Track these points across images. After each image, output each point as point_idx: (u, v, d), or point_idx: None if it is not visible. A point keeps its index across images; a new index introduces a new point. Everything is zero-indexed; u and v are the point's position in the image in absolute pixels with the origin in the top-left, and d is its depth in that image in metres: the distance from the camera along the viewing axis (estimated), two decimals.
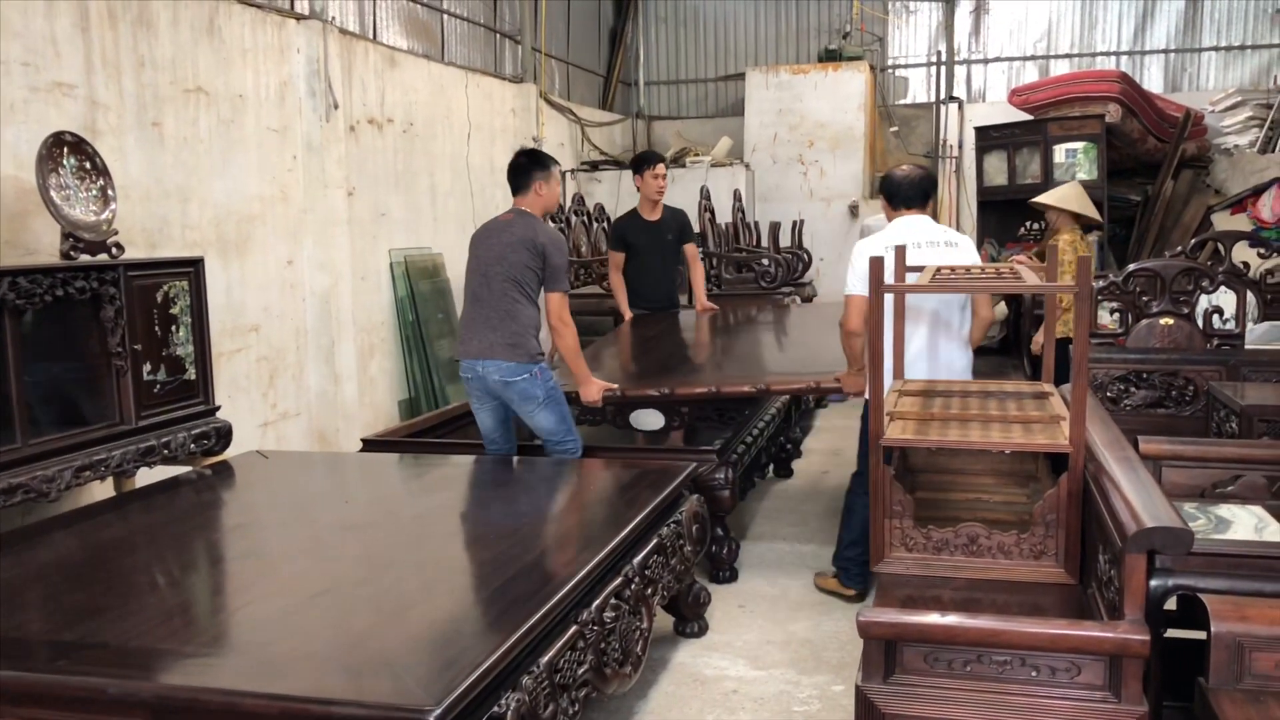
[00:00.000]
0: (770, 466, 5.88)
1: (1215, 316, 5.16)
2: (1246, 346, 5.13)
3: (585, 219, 8.25)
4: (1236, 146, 10.37)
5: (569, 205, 8.19)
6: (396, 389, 7.11)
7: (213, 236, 5.35)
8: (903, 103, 11.79)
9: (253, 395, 5.63)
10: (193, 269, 4.34)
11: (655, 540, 3.36)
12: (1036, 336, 5.53)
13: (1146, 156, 9.87)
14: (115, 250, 4.01)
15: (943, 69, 11.53)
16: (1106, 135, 9.14)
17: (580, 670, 2.61)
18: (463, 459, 4.23)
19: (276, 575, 2.87)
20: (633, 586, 3.06)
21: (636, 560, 3.15)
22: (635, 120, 12.13)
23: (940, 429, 2.96)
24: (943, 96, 11.50)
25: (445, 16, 8.21)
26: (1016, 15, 11.43)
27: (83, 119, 4.52)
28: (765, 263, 7.10)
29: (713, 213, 8.19)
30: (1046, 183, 8.88)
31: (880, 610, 2.24)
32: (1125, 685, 2.09)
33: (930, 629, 2.18)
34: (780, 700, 3.45)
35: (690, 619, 3.94)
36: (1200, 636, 2.24)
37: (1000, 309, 6.45)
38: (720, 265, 7.32)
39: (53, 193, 3.85)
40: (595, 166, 10.56)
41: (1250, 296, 5.53)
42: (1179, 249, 5.57)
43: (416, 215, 7.41)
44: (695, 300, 6.29)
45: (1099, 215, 6.73)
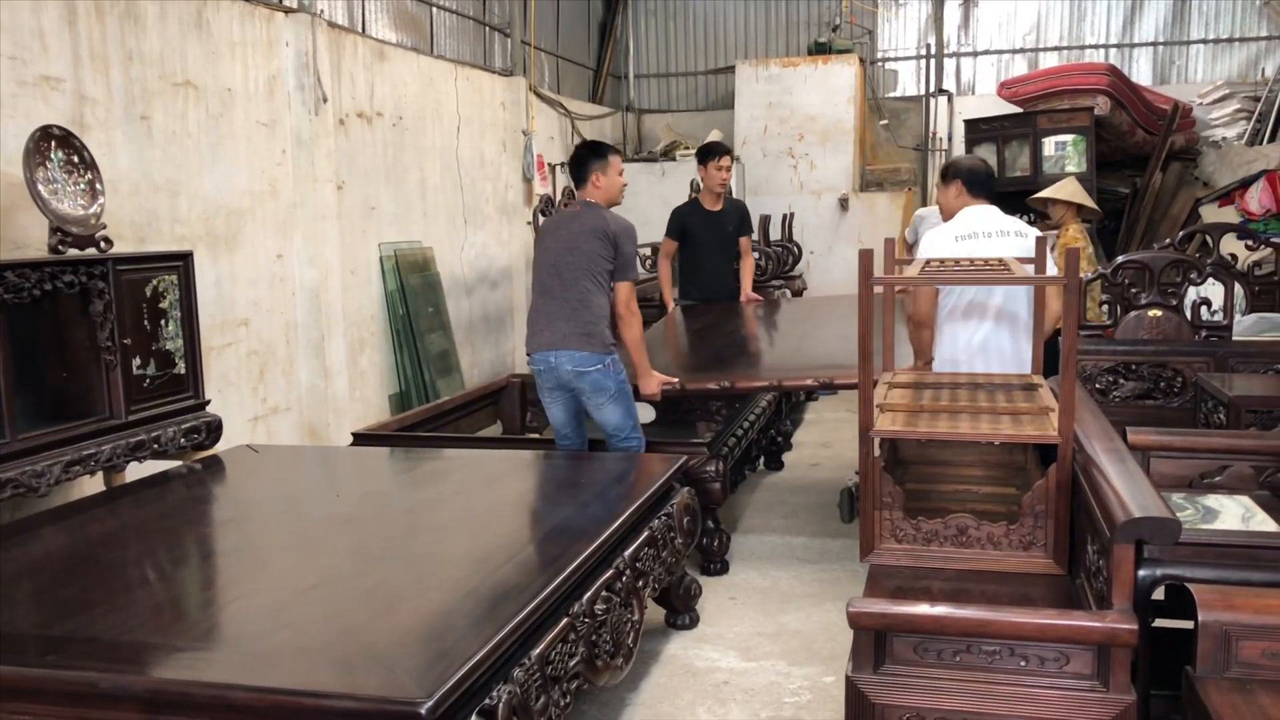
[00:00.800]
0: (761, 459, 5.90)
1: (1203, 308, 5.19)
2: (1234, 338, 5.15)
3: None
4: (1224, 139, 10.40)
5: (559, 199, 8.18)
6: (387, 383, 7.10)
7: (202, 231, 5.33)
8: (892, 96, 11.80)
9: (243, 390, 5.62)
10: (182, 263, 4.33)
11: (646, 533, 3.37)
12: None
13: (1135, 149, 9.89)
14: (104, 244, 4.00)
15: (932, 62, 11.53)
16: (1095, 128, 9.18)
17: (572, 662, 2.62)
18: (454, 453, 4.23)
19: (267, 569, 2.88)
20: (624, 579, 3.07)
21: (628, 553, 3.16)
22: (625, 113, 12.11)
23: (930, 421, 2.97)
24: (932, 89, 11.51)
25: (434, 10, 8.18)
26: (1005, 8, 11.44)
27: (70, 113, 4.50)
28: (756, 256, 7.10)
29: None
30: (1035, 175, 8.92)
31: (870, 601, 2.25)
32: (1113, 674, 2.11)
33: (920, 619, 2.19)
34: (771, 691, 3.46)
35: (681, 611, 3.95)
36: (1188, 626, 2.26)
37: None
38: None
39: (40, 187, 3.83)
40: None
41: (1238, 288, 5.56)
42: (1167, 241, 5.60)
43: (406, 209, 7.39)
44: (742, 291, 6.31)
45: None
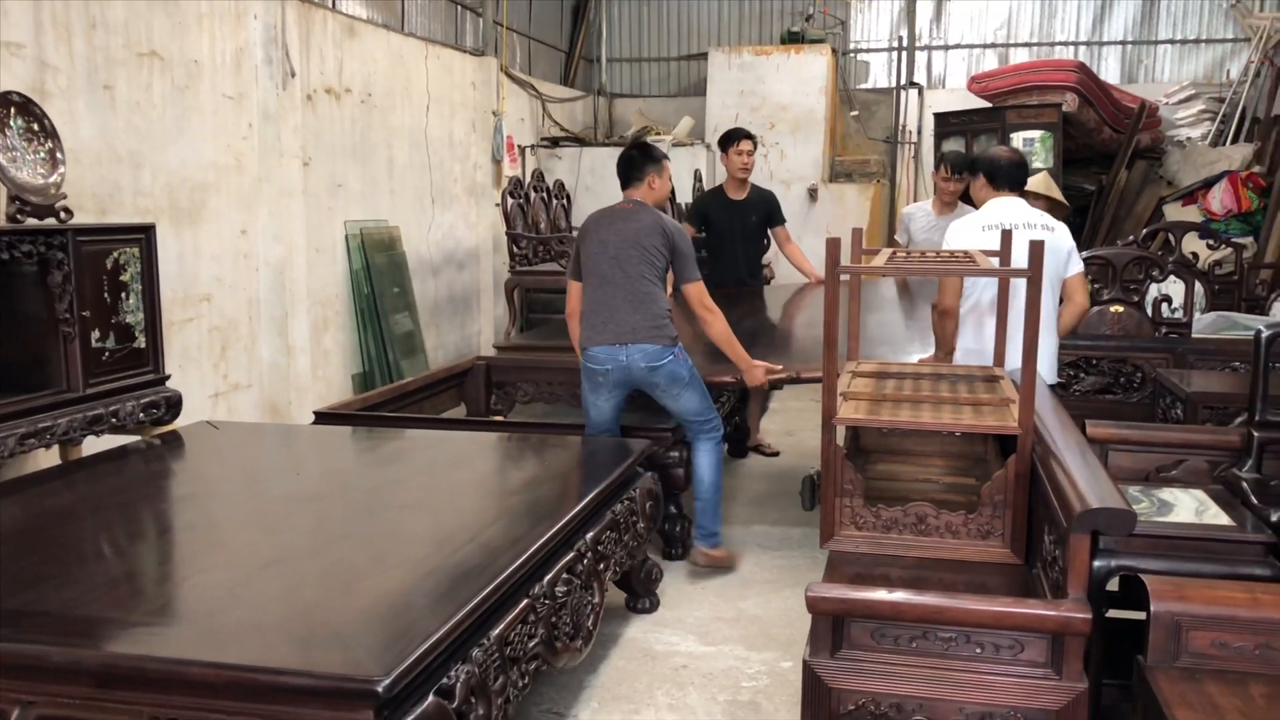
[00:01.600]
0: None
1: (1164, 305, 5.26)
2: (1193, 335, 5.23)
3: (544, 195, 8.21)
4: (1189, 139, 10.52)
5: (528, 181, 8.15)
6: (350, 362, 7.05)
7: (165, 204, 5.26)
8: (864, 87, 11.83)
9: (203, 365, 5.56)
10: (144, 236, 4.27)
11: (609, 516, 3.37)
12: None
13: (1102, 146, 9.99)
14: (64, 215, 3.94)
15: (903, 54, 11.57)
16: (1063, 124, 9.25)
17: (531, 643, 2.62)
18: (416, 433, 4.21)
19: (225, 546, 2.85)
20: (585, 561, 3.07)
21: (590, 536, 3.16)
22: (597, 97, 12.07)
23: (892, 410, 2.99)
24: (903, 82, 11.55)
25: None
26: (977, 3, 11.49)
27: (31, 80, 4.42)
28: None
29: (673, 192, 8.18)
30: None
31: (829, 586, 2.27)
32: (1067, 662, 2.14)
33: (878, 605, 2.21)
34: (729, 676, 3.48)
35: (642, 595, 3.95)
36: (1140, 616, 2.29)
37: None
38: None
39: None
40: (556, 143, 10.51)
41: (1198, 286, 5.64)
42: (1131, 238, 5.66)
43: (373, 187, 7.33)
44: (809, 275, 6.26)
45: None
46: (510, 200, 7.55)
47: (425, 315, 7.95)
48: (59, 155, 4.04)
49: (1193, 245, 7.55)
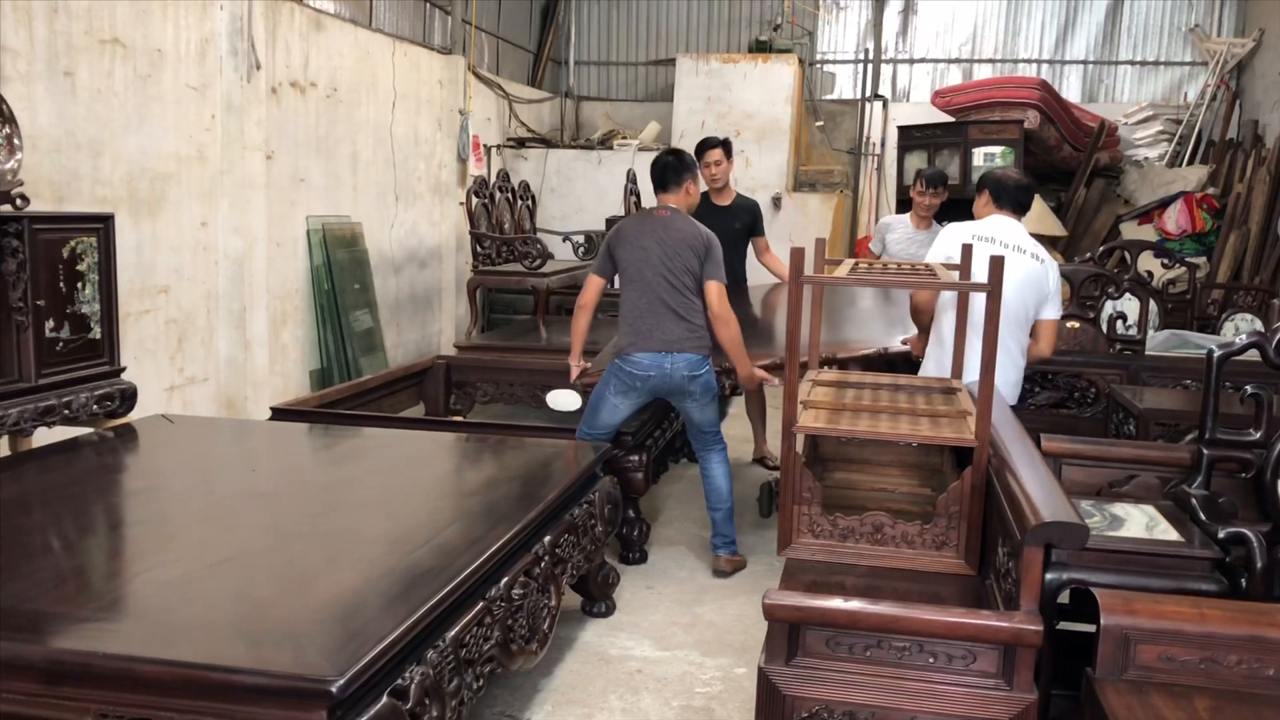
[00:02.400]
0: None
1: (1119, 322, 5.33)
2: (1147, 352, 5.31)
3: (509, 196, 8.19)
4: (1146, 159, 10.68)
5: (493, 181, 8.13)
6: (309, 359, 6.99)
7: (124, 193, 5.19)
8: (829, 98, 11.91)
9: (160, 358, 5.49)
10: (102, 225, 4.21)
11: (567, 519, 3.37)
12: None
13: (1062, 164, 10.12)
14: (20, 202, 3.87)
15: (869, 67, 11.66)
16: (1024, 141, 9.36)
17: (486, 646, 2.61)
18: (374, 432, 4.18)
19: (178, 542, 2.82)
20: (542, 565, 3.06)
21: (547, 539, 3.15)
22: (564, 99, 12.05)
23: (851, 419, 3.01)
24: (868, 94, 11.64)
25: None
26: (943, 18, 11.60)
27: None
28: None
29: (638, 196, 8.19)
30: (965, 185, 9.06)
31: (785, 594, 2.28)
32: (1018, 673, 2.16)
33: (833, 614, 2.22)
34: (683, 681, 3.49)
35: (598, 599, 3.95)
36: (1090, 629, 2.32)
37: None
38: None
39: None
40: (522, 144, 10.49)
41: (1152, 304, 5.73)
42: (1088, 255, 5.74)
43: (337, 183, 7.28)
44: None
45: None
46: (475, 200, 7.52)
47: (386, 313, 7.91)
48: (16, 141, 3.97)
49: (1148, 264, 7.68)
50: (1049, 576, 2.43)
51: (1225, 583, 2.54)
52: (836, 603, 2.24)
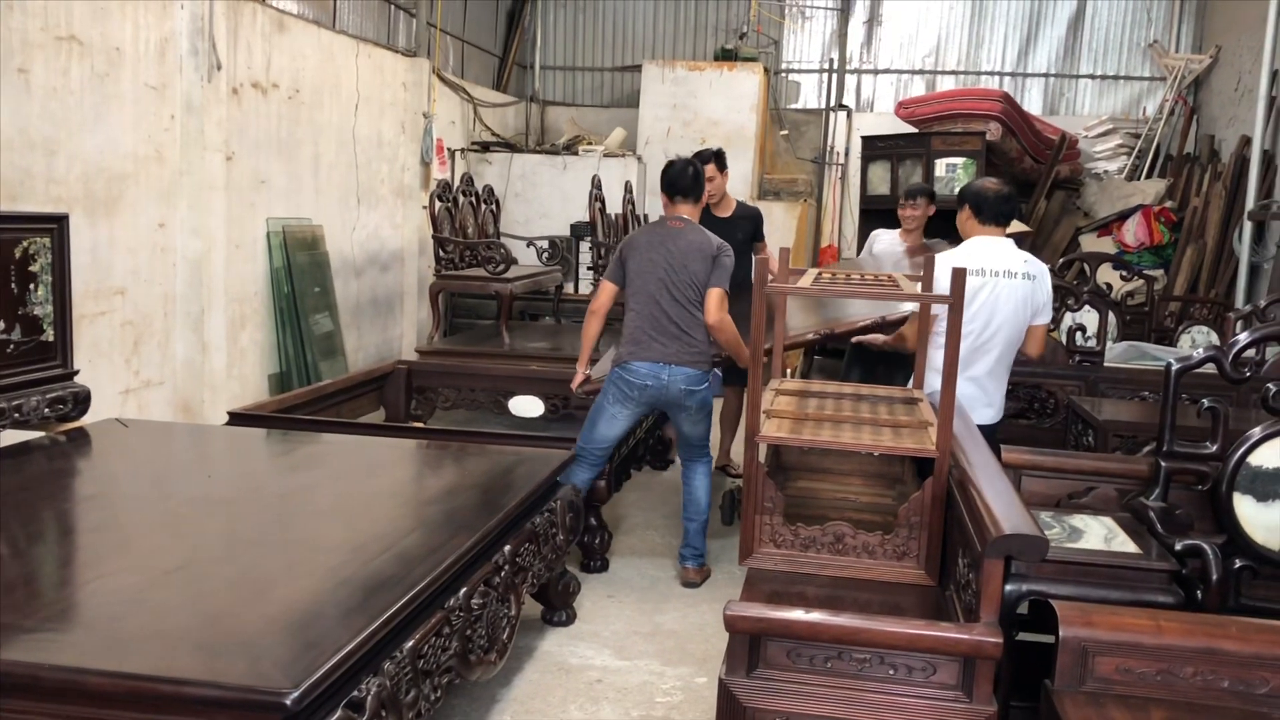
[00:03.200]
0: (646, 458, 5.91)
1: (1078, 334, 5.38)
2: (1105, 364, 5.36)
3: (473, 200, 8.14)
4: (1106, 172, 10.82)
5: (457, 185, 8.08)
6: (267, 363, 6.91)
7: (80, 193, 5.11)
8: (794, 107, 11.96)
9: (115, 361, 5.41)
10: (56, 225, 4.12)
11: (528, 528, 3.34)
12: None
13: (1023, 176, 10.22)
14: None
15: (834, 77, 11.73)
16: (986, 153, 9.45)
17: (445, 656, 2.58)
18: (334, 438, 4.13)
19: (130, 549, 2.76)
20: (503, 574, 3.04)
21: (508, 548, 3.12)
22: (529, 104, 12.03)
23: (814, 429, 3.01)
24: (832, 104, 11.71)
25: None
26: (908, 29, 11.70)
27: None
28: None
29: (603, 203, 8.18)
30: None
31: (748, 605, 2.27)
32: (977, 685, 2.17)
33: (794, 625, 2.22)
34: (644, 691, 3.47)
35: (559, 607, 3.93)
36: (1049, 640, 2.33)
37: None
38: (608, 256, 7.31)
39: None
40: (486, 148, 10.45)
41: (1111, 316, 5.79)
42: (1048, 268, 5.77)
43: (298, 185, 7.21)
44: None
45: None
46: (438, 203, 7.47)
47: (346, 316, 7.84)
48: None
49: (1107, 276, 7.76)
50: (1009, 588, 2.44)
51: (1182, 595, 2.56)
52: (798, 614, 2.23)
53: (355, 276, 8.10)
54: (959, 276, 2.85)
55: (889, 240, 6.13)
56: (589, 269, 7.56)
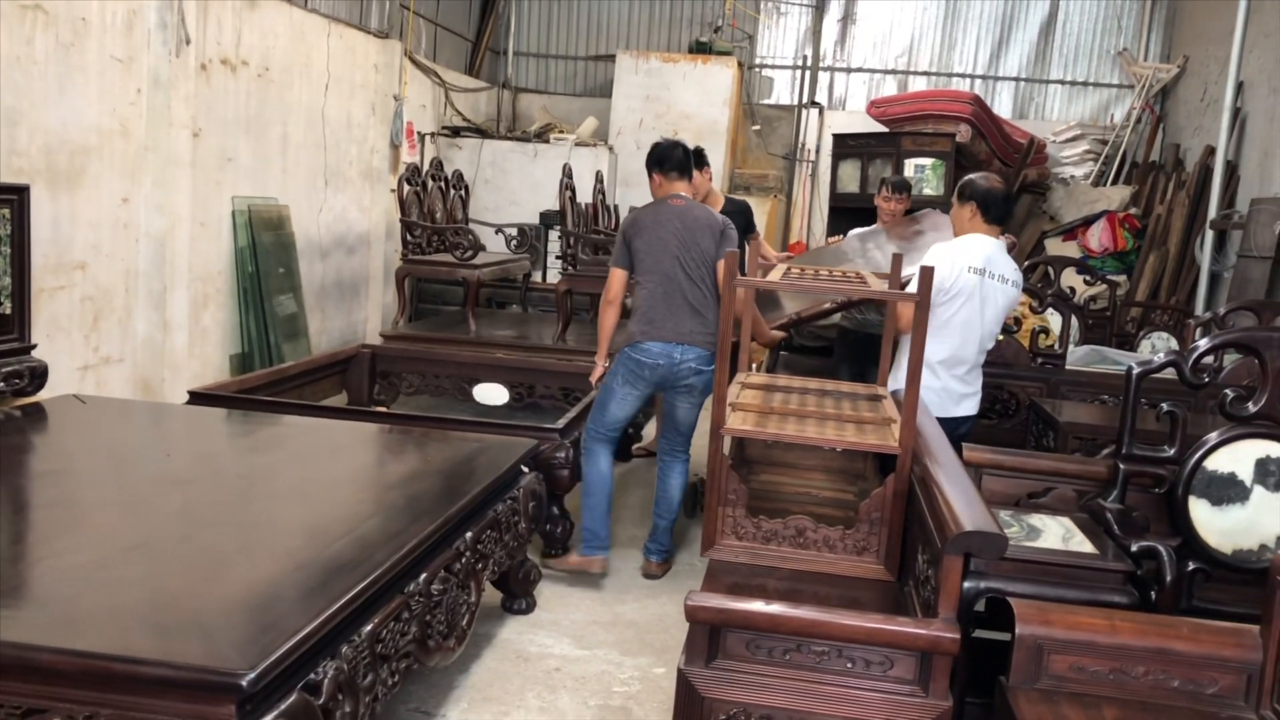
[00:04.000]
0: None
1: (1041, 336, 5.43)
2: (1067, 366, 5.41)
3: (442, 185, 8.10)
4: (1073, 177, 10.92)
5: (426, 169, 8.03)
6: (229, 343, 6.84)
7: (41, 165, 5.03)
8: (767, 102, 11.98)
9: (74, 336, 5.33)
10: (16, 197, 4.06)
11: (490, 515, 3.33)
12: None
13: None
14: None
15: (807, 73, 11.76)
16: (955, 154, 9.51)
17: (403, 641, 2.57)
18: (295, 420, 4.09)
19: (86, 526, 2.73)
20: (463, 560, 3.03)
21: (469, 534, 3.11)
22: (501, 90, 11.97)
23: (779, 423, 3.02)
24: (805, 100, 11.74)
25: None
26: (881, 28, 11.74)
27: None
28: None
29: (574, 192, 8.15)
30: None
31: (708, 596, 2.27)
32: (934, 680, 2.18)
33: (754, 616, 2.22)
34: (601, 680, 3.47)
35: (519, 595, 3.92)
36: (1005, 637, 2.36)
37: None
38: (577, 246, 7.29)
39: None
40: (457, 132, 10.39)
41: (1074, 320, 5.85)
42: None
43: (265, 164, 7.13)
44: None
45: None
46: (407, 187, 7.41)
47: (311, 298, 7.77)
48: None
49: (1071, 280, 7.84)
50: (967, 585, 2.46)
51: (1136, 595, 2.59)
52: (758, 606, 2.24)
53: (321, 258, 8.03)
54: (926, 276, 2.87)
55: (869, 229, 6.13)
56: (558, 258, 7.54)
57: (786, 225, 11.47)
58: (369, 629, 2.39)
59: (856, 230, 6.17)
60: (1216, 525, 2.89)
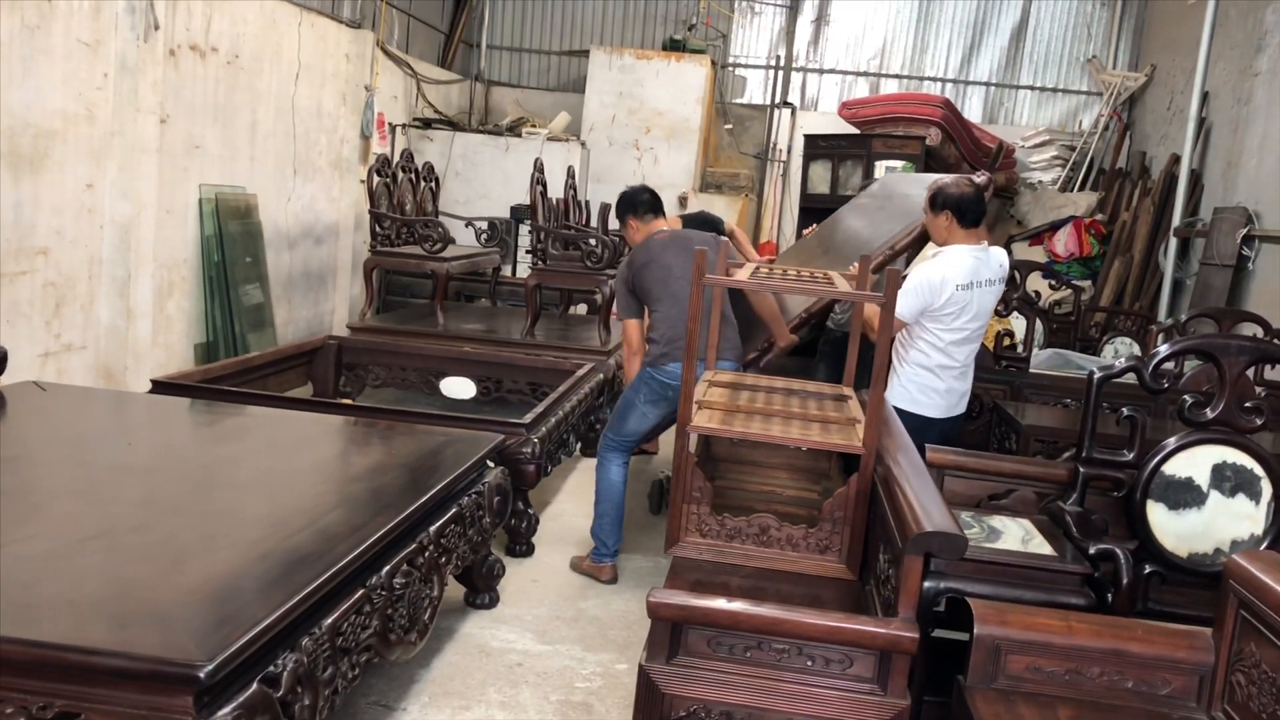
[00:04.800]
0: (579, 445, 5.91)
1: (1005, 339, 5.48)
2: (1031, 370, 5.46)
3: (413, 177, 8.06)
4: (1040, 182, 11.02)
5: (396, 160, 7.99)
6: (194, 331, 6.78)
7: (4, 149, 4.96)
8: (739, 101, 12.01)
9: (34, 322, 5.26)
10: None
11: (454, 509, 3.32)
12: None
13: None
14: None
15: (780, 73, 11.79)
16: (925, 157, 9.58)
17: (364, 635, 2.55)
18: (259, 410, 4.07)
19: (44, 515, 2.69)
20: (426, 554, 3.02)
21: (433, 528, 3.10)
22: (474, 83, 11.92)
23: (745, 421, 3.03)
24: (777, 100, 11.77)
25: None
26: (854, 30, 11.80)
27: None
28: (593, 243, 7.10)
29: (545, 186, 8.13)
30: None
31: (670, 592, 2.28)
32: (892, 679, 2.20)
33: (716, 614, 2.23)
34: (563, 675, 3.47)
35: (482, 590, 3.92)
36: (963, 637, 2.38)
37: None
38: (547, 241, 7.28)
39: None
40: (428, 124, 10.34)
41: (1039, 324, 5.90)
42: None
43: (233, 152, 7.07)
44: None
45: None
46: (377, 178, 7.38)
47: (277, 288, 7.71)
48: None
49: (1036, 284, 7.91)
50: (927, 585, 2.48)
51: (1093, 597, 2.63)
52: (719, 603, 2.25)
53: (288, 248, 7.97)
54: (893, 278, 2.89)
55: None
56: (528, 252, 7.52)
57: (757, 225, 11.50)
58: (330, 622, 2.37)
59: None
60: (1173, 529, 2.93)
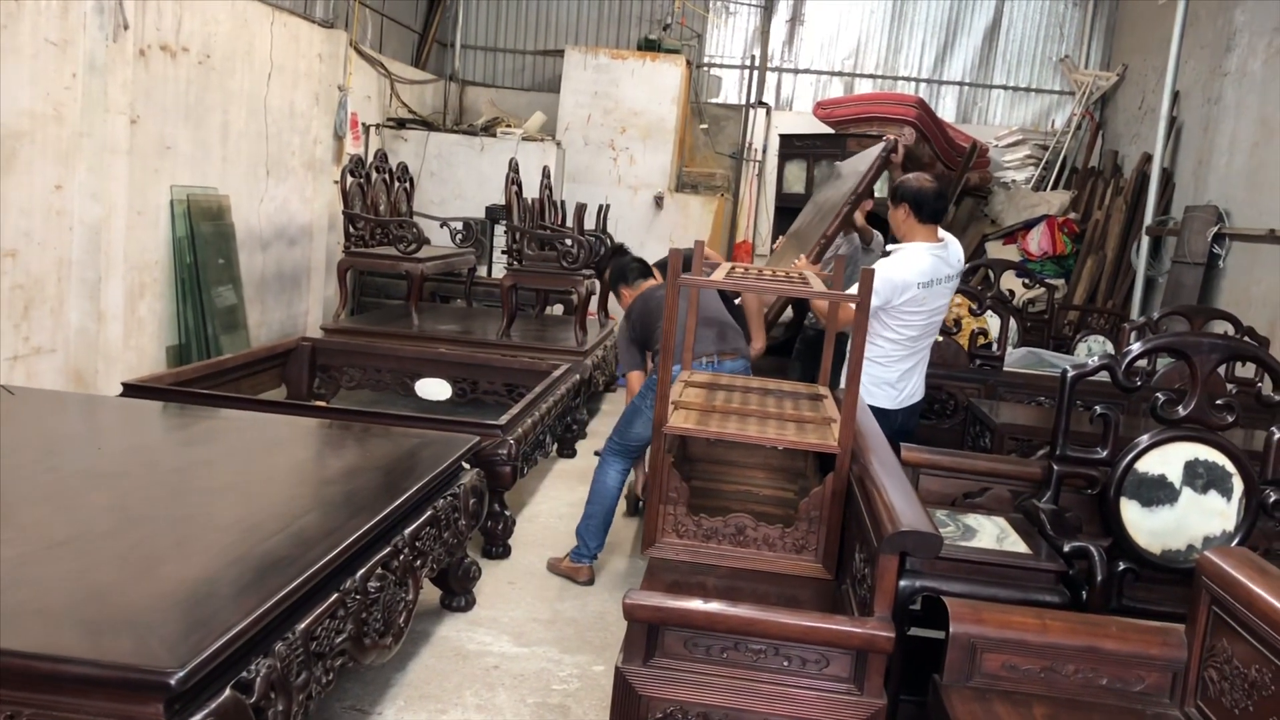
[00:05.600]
0: (555, 446, 5.90)
1: (980, 337, 5.50)
2: (1004, 368, 5.49)
3: (387, 177, 8.02)
4: (1014, 181, 11.08)
5: (370, 161, 7.94)
6: (166, 334, 6.72)
7: None
8: (714, 101, 12.01)
9: (2, 325, 5.20)
10: None
11: (430, 512, 3.30)
12: None
13: None
14: None
15: (755, 73, 11.81)
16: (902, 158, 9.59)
17: (338, 639, 2.53)
18: (232, 413, 4.03)
19: (11, 521, 2.66)
20: (401, 557, 3.00)
21: (408, 531, 3.08)
22: (448, 83, 11.87)
23: (721, 421, 3.03)
24: (752, 100, 11.78)
25: None
26: (829, 30, 11.82)
27: None
28: (568, 243, 7.09)
29: (520, 186, 8.12)
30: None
31: (647, 594, 2.27)
32: (868, 678, 2.20)
33: (693, 615, 2.23)
34: (540, 678, 3.46)
35: (458, 593, 3.90)
36: (939, 636, 2.39)
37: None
38: (523, 241, 7.25)
39: None
40: (402, 125, 10.29)
41: (1012, 322, 5.93)
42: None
43: (205, 152, 7.01)
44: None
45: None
46: (350, 179, 7.33)
47: (250, 290, 7.65)
48: None
49: (1010, 283, 7.96)
50: (903, 583, 2.49)
51: (1068, 594, 2.64)
52: (696, 604, 2.24)
53: (261, 249, 7.92)
54: (867, 277, 2.89)
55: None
56: (503, 253, 7.49)
57: (733, 225, 11.51)
58: (303, 626, 2.35)
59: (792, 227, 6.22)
60: (1146, 526, 2.95)
